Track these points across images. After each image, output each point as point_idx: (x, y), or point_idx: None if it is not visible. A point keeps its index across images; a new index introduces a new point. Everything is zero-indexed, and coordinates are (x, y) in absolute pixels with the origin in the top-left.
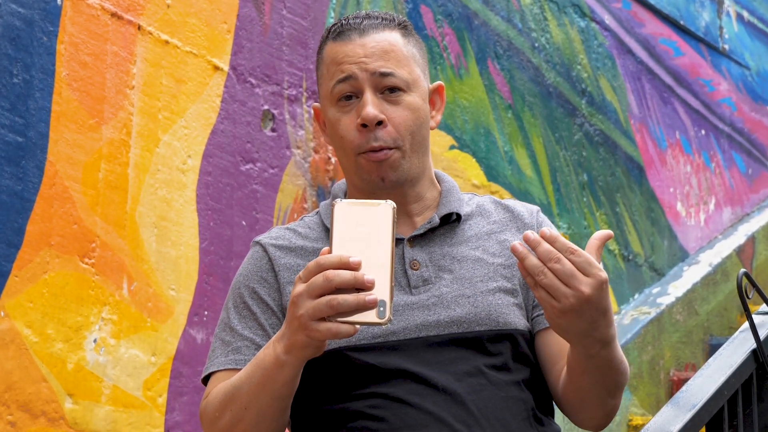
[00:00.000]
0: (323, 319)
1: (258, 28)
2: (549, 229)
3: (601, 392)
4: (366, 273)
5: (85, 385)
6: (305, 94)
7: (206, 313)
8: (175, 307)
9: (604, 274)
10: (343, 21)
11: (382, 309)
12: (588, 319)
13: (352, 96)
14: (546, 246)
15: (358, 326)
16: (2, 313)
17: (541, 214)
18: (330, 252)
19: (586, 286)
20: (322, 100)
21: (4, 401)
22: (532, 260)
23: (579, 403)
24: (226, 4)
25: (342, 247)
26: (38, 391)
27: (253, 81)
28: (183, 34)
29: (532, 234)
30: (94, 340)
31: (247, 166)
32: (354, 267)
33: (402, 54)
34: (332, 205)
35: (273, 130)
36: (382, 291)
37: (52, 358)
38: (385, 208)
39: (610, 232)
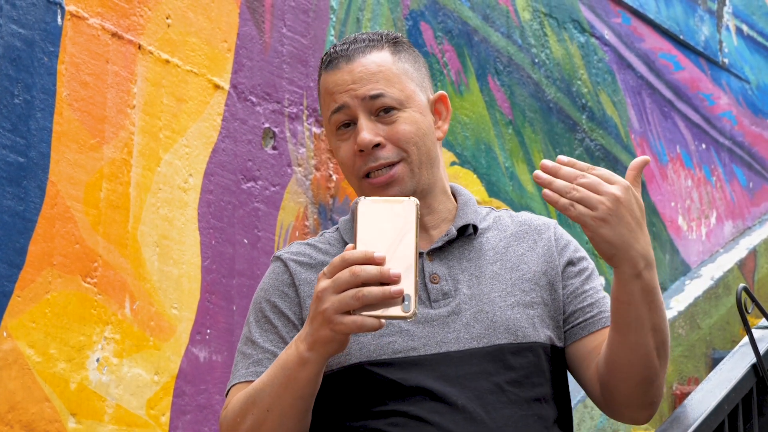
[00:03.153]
0: (348, 313)
1: (258, 46)
2: (564, 156)
3: (649, 337)
4: (391, 268)
5: (88, 404)
6: (306, 111)
7: (209, 331)
8: (178, 325)
9: (626, 182)
10: (332, 50)
11: (406, 303)
12: (626, 224)
13: (350, 123)
14: (568, 168)
15: (383, 320)
16: (5, 334)
17: (559, 228)
18: (354, 248)
19: (615, 189)
20: (325, 128)
21: (8, 421)
22: (560, 182)
23: (626, 364)
24: (227, 22)
25: (366, 243)
26: (41, 411)
27: (254, 99)
28: (183, 53)
29: (549, 162)
30: (97, 360)
31: (249, 184)
32: (379, 262)
33: (391, 72)
34: (356, 203)
35: (274, 148)
36: (407, 285)
37: (55, 377)
38: (409, 204)
39: (646, 158)
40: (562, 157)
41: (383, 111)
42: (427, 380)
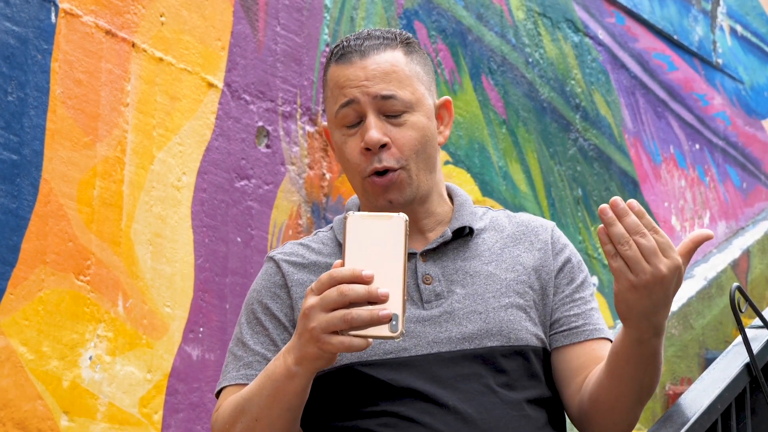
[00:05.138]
0: (336, 332)
1: (252, 44)
2: (636, 202)
3: (637, 391)
4: (379, 287)
5: (81, 402)
6: (299, 110)
7: (201, 329)
8: (171, 324)
9: (680, 260)
10: (345, 43)
11: (394, 323)
12: (655, 300)
13: (356, 120)
14: (634, 218)
15: (370, 340)
16: None
17: (557, 230)
18: (342, 265)
19: (664, 266)
20: (329, 122)
21: (0, 419)
22: (620, 229)
23: (609, 407)
24: (220, 21)
25: (354, 260)
26: (34, 409)
27: (248, 98)
28: (177, 52)
29: (621, 202)
30: (90, 358)
31: (242, 183)
32: (367, 280)
33: (404, 74)
34: (344, 218)
35: (267, 146)
36: (394, 305)
37: (48, 375)
38: (398, 221)
39: (709, 232)
40: (633, 203)
41: (392, 112)
42: (417, 381)
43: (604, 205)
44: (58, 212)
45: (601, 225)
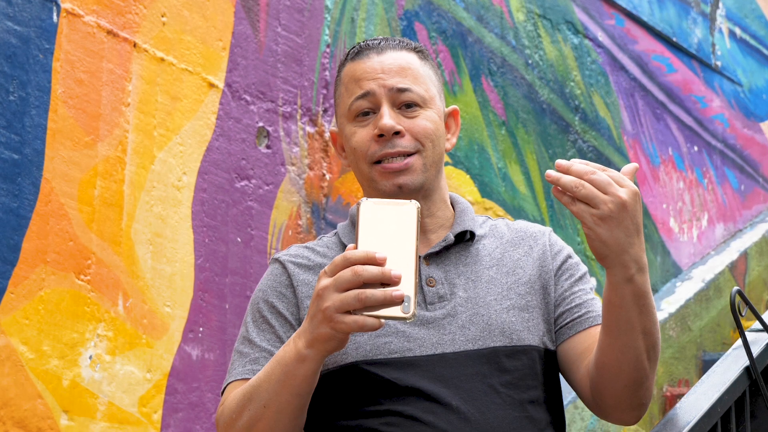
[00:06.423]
0: (349, 312)
1: (253, 45)
2: (580, 160)
3: (638, 340)
4: (392, 269)
5: (81, 401)
6: (300, 111)
7: (201, 329)
8: (170, 323)
9: (635, 188)
10: (362, 43)
11: (406, 304)
12: (625, 229)
13: (370, 112)
14: (580, 165)
15: (383, 320)
16: None
17: (554, 235)
18: (356, 248)
19: (623, 192)
20: (340, 118)
21: (0, 417)
22: (568, 177)
23: (616, 367)
24: (222, 21)
25: (367, 243)
26: (34, 408)
27: (248, 98)
28: (178, 52)
29: (563, 161)
30: (90, 357)
31: (242, 183)
32: (380, 263)
33: (419, 72)
34: (358, 204)
35: (268, 147)
36: (406, 286)
37: (48, 374)
38: (410, 207)
39: (635, 164)
40: (576, 160)
41: (406, 106)
42: (422, 381)
43: (548, 171)
44: (58, 212)
45: (553, 187)
